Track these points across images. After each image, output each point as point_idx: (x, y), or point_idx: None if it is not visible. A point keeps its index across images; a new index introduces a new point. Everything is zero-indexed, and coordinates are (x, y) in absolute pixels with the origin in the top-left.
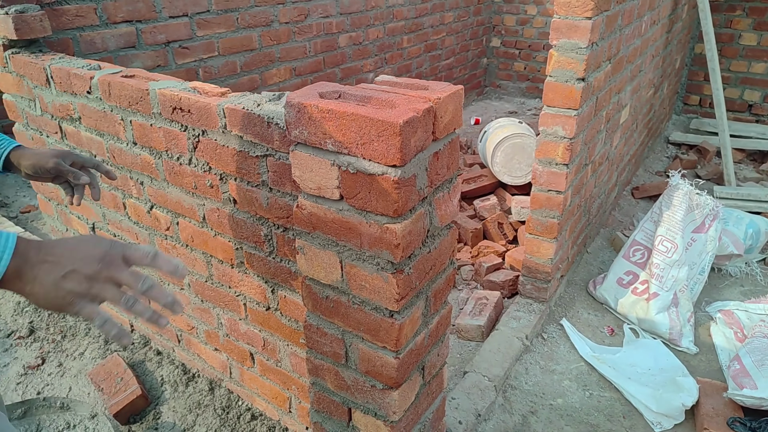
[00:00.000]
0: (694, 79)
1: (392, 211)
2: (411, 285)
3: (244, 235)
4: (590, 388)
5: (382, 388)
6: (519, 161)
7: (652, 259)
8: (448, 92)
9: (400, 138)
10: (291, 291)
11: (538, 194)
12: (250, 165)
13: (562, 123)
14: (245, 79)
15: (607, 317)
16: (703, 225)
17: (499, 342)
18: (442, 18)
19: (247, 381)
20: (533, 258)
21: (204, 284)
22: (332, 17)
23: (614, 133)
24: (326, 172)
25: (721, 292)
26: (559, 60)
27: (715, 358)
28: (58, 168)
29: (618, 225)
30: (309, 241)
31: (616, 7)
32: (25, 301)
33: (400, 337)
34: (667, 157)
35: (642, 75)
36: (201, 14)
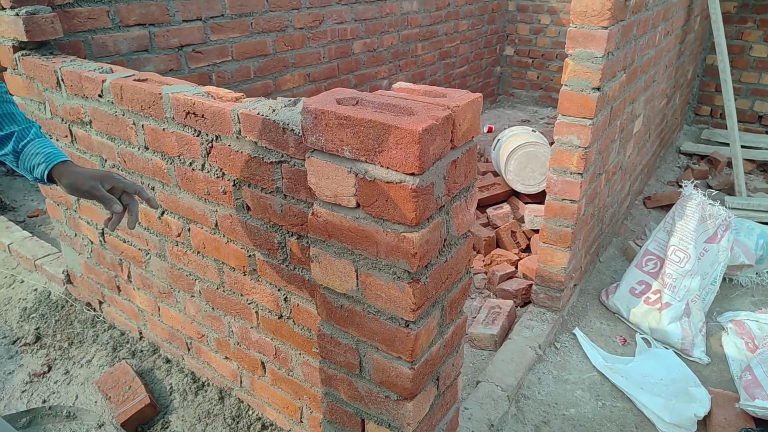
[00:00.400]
0: (706, 89)
1: (409, 220)
2: (427, 294)
3: (257, 243)
4: (603, 398)
5: (396, 399)
6: (532, 170)
7: (665, 269)
8: (466, 100)
9: (418, 146)
10: (304, 299)
11: (552, 203)
12: (265, 171)
13: (577, 132)
14: (259, 84)
15: (619, 327)
16: (715, 235)
17: (512, 351)
18: (456, 26)
19: (258, 390)
20: (546, 267)
21: (215, 291)
22: (347, 23)
23: (628, 142)
24: (343, 179)
25: (732, 302)
26: (574, 69)
27: (726, 368)
28: (93, 192)
29: (630, 234)
30: (324, 249)
31: (631, 17)
32: (31, 307)
33: (415, 347)
34: (679, 167)
35: (655, 85)
36: (215, 18)
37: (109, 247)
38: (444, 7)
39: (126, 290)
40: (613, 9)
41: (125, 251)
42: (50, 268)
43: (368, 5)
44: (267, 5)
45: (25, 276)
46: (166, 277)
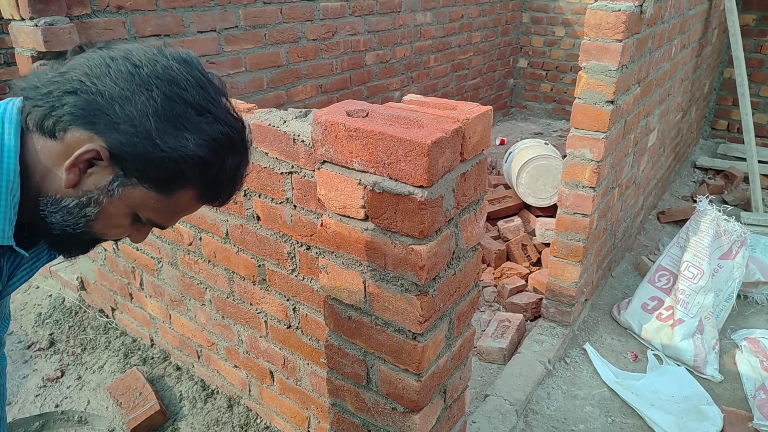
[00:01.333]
0: (723, 103)
1: (418, 232)
2: (435, 307)
3: (266, 252)
4: (613, 415)
5: (403, 411)
6: (544, 183)
7: (678, 285)
8: (476, 113)
9: (427, 158)
10: (313, 309)
11: (564, 217)
12: (275, 182)
13: (590, 145)
14: (271, 95)
15: (630, 342)
16: (730, 251)
17: (521, 365)
18: (469, 38)
19: (266, 399)
20: (557, 281)
21: (225, 300)
22: (360, 35)
23: (641, 156)
24: (352, 191)
25: (747, 320)
26: (588, 82)
27: (740, 386)
28: None
29: (643, 249)
30: (332, 260)
31: (646, 30)
32: (46, 313)
33: (422, 359)
34: (694, 182)
35: (670, 99)
36: (229, 30)
37: (122, 255)
38: (457, 19)
39: (138, 298)
40: (628, 22)
41: (138, 259)
42: (64, 275)
43: (381, 17)
44: (281, 17)
45: (40, 282)
46: (178, 285)
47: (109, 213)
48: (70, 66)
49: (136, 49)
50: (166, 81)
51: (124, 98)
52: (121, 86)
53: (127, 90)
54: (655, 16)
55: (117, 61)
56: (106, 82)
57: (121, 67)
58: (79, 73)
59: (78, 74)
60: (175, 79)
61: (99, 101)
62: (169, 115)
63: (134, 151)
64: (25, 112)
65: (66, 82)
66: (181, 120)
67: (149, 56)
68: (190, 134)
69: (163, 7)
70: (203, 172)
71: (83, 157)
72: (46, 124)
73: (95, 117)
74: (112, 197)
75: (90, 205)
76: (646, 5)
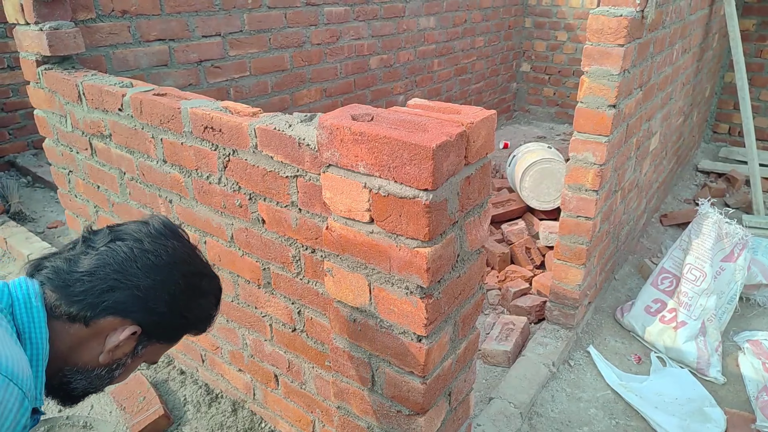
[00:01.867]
0: (724, 107)
1: (423, 235)
2: (440, 310)
3: (271, 256)
4: (616, 417)
5: (408, 413)
6: (547, 186)
7: (681, 288)
8: (480, 117)
9: (432, 162)
10: (317, 313)
11: (567, 220)
12: (280, 185)
13: (593, 149)
14: (276, 99)
15: (634, 345)
16: (732, 254)
17: (526, 368)
18: (473, 42)
19: (271, 403)
20: (561, 284)
21: (230, 304)
22: (364, 39)
23: (644, 160)
24: (357, 194)
25: (749, 322)
26: (590, 86)
27: (742, 388)
28: None
29: (646, 252)
30: (338, 263)
31: (648, 35)
32: None
33: (427, 362)
34: (696, 185)
35: (672, 102)
36: (234, 34)
37: None
38: (461, 24)
39: None
40: (630, 27)
41: None
42: None
43: (385, 21)
44: (285, 21)
45: None
46: None
47: (129, 369)
48: (96, 265)
49: (143, 235)
50: (178, 262)
51: (156, 287)
52: (151, 277)
53: (155, 279)
54: (656, 21)
55: (137, 255)
56: (139, 275)
57: (144, 260)
58: (110, 271)
59: (109, 272)
60: (182, 257)
61: (137, 294)
62: (189, 292)
63: (164, 325)
64: (49, 299)
65: (101, 281)
66: (196, 291)
67: (158, 242)
68: (204, 299)
69: (167, 12)
70: (210, 321)
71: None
72: (81, 315)
73: (134, 306)
74: (135, 357)
75: (118, 369)
76: (648, 10)
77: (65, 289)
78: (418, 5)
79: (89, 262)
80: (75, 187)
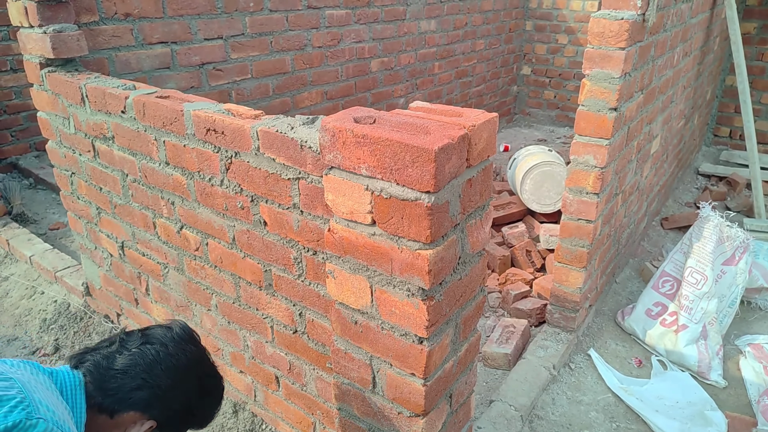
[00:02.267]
0: (725, 110)
1: (424, 237)
2: (441, 312)
3: (273, 258)
4: (617, 420)
5: (409, 415)
6: (548, 189)
7: (682, 291)
8: (482, 120)
9: (434, 164)
10: (319, 314)
11: (568, 223)
12: (282, 187)
13: (594, 152)
14: (277, 101)
15: (635, 348)
16: (733, 257)
17: (526, 371)
18: (473, 45)
19: (272, 404)
20: (562, 287)
21: (231, 306)
22: (365, 42)
23: (645, 163)
24: (359, 196)
25: (750, 326)
26: (591, 89)
27: (744, 392)
28: None
29: (647, 255)
30: (339, 265)
31: (649, 38)
32: (51, 318)
33: (428, 364)
34: (697, 189)
35: (673, 106)
36: (236, 37)
37: (129, 261)
38: (461, 27)
39: (144, 303)
40: (631, 30)
41: (144, 264)
42: (70, 280)
43: (386, 24)
44: (287, 24)
45: (45, 287)
46: (184, 290)
47: None
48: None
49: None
50: (194, 365)
51: (175, 387)
52: (171, 378)
53: (175, 380)
54: (657, 24)
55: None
56: (161, 376)
57: (168, 363)
58: (139, 371)
59: (139, 371)
60: (197, 360)
61: (158, 393)
62: (200, 391)
63: (175, 420)
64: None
65: (131, 380)
66: (208, 391)
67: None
68: (212, 398)
69: (170, 15)
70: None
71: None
72: (110, 408)
73: (155, 403)
74: None
75: None
76: (649, 14)
77: (102, 383)
78: (419, 8)
79: (123, 361)
80: (77, 189)
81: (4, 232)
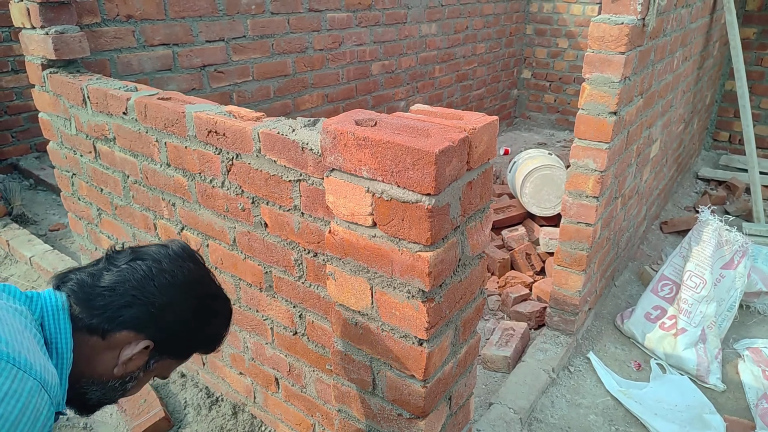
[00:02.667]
0: (724, 115)
1: (425, 239)
2: (441, 314)
3: (273, 259)
4: (616, 424)
5: (408, 417)
6: (548, 192)
7: (681, 295)
8: (483, 123)
9: (435, 167)
10: (319, 316)
11: (568, 226)
12: (283, 189)
13: (593, 156)
14: (278, 104)
15: (634, 351)
16: (732, 261)
17: (525, 374)
18: (474, 49)
19: (271, 406)
20: (561, 290)
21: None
22: (366, 45)
23: (644, 167)
24: (360, 198)
25: (749, 330)
26: (591, 93)
27: (742, 396)
28: None
29: (646, 259)
30: (340, 267)
31: (649, 42)
32: None
33: (428, 365)
34: (696, 193)
35: (673, 110)
36: (237, 39)
37: None
38: (462, 30)
39: None
40: (631, 35)
41: None
42: None
43: (387, 28)
44: (288, 27)
45: (45, 288)
46: None
47: (142, 382)
48: (116, 281)
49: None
50: (193, 283)
51: (171, 304)
52: (166, 296)
53: (171, 298)
54: (657, 29)
55: (155, 275)
56: (155, 293)
57: (161, 279)
58: (129, 287)
59: (128, 288)
60: (197, 279)
61: (152, 311)
62: (201, 312)
63: (176, 342)
64: (73, 311)
65: (120, 297)
66: (208, 311)
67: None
68: (215, 319)
69: (172, 17)
70: (220, 341)
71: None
72: (100, 328)
73: (149, 322)
74: (147, 371)
75: (130, 381)
76: (649, 18)
77: (87, 302)
78: (420, 12)
79: (111, 278)
80: (78, 190)
81: (4, 232)
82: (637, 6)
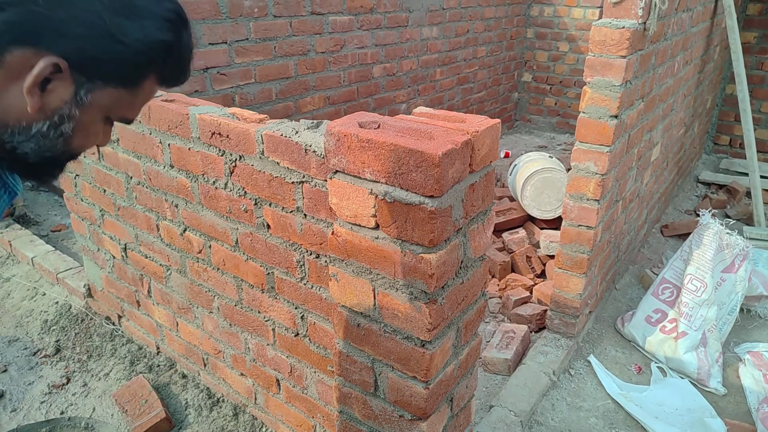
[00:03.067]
0: (725, 119)
1: (428, 241)
2: (443, 315)
3: (276, 261)
4: (617, 427)
5: (410, 418)
6: (549, 195)
7: (681, 298)
8: (485, 125)
9: (438, 169)
10: (321, 318)
11: (569, 229)
12: (286, 191)
13: (595, 159)
14: (280, 106)
15: (634, 355)
16: (732, 265)
17: (526, 376)
18: (475, 52)
19: (272, 407)
20: (562, 293)
21: (233, 308)
22: (367, 48)
23: (645, 170)
24: (363, 200)
25: (750, 334)
26: (592, 97)
27: (743, 399)
28: None
29: (647, 262)
30: (342, 269)
31: (650, 46)
32: (52, 320)
33: (430, 367)
34: (697, 196)
35: (673, 114)
36: (240, 42)
37: (131, 263)
38: (463, 34)
39: (145, 305)
40: (632, 39)
41: (147, 266)
42: (72, 282)
43: (389, 30)
44: (290, 30)
45: (47, 289)
46: (186, 292)
47: (84, 124)
48: None
49: None
50: None
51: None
52: None
53: None
54: (658, 33)
55: None
56: None
57: None
58: None
59: None
60: None
61: (35, 10)
62: (118, 7)
63: (97, 55)
64: None
65: None
66: (131, 8)
67: None
68: (146, 20)
69: None
70: (168, 54)
71: (42, 75)
72: None
73: (37, 29)
74: (83, 107)
75: (64, 122)
76: (650, 22)
77: None
78: (422, 15)
79: None
80: (81, 191)
81: (6, 233)
82: (638, 10)
